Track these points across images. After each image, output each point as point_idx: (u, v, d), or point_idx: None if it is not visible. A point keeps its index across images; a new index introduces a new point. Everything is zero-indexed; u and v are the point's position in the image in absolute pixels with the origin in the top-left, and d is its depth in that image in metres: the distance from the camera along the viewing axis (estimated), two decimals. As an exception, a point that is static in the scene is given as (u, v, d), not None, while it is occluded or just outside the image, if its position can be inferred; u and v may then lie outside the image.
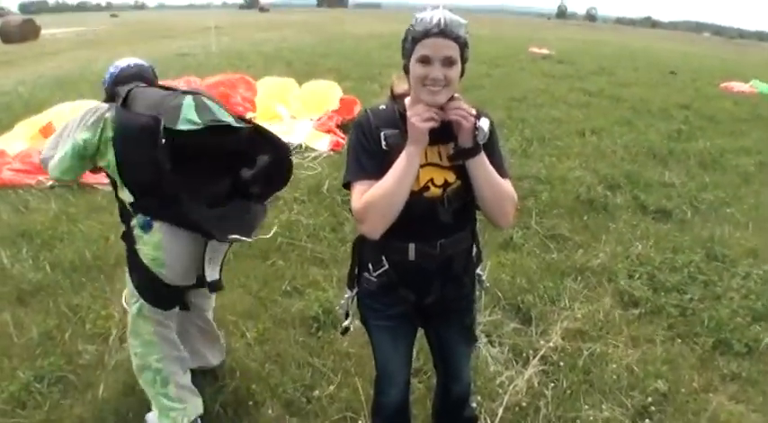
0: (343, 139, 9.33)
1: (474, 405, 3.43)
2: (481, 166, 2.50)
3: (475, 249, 2.86)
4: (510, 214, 2.61)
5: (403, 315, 2.83)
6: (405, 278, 2.72)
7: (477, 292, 2.98)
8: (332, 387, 4.09)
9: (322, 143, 9.48)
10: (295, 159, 7.88)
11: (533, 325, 4.96)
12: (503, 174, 2.58)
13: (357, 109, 10.62)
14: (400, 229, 2.53)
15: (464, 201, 2.61)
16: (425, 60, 2.40)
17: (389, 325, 2.89)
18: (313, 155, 9.00)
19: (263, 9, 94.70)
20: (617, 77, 20.26)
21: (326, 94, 11.72)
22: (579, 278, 5.79)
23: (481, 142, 2.48)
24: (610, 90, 17.20)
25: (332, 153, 8.94)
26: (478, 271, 2.96)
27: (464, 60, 2.46)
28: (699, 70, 26.99)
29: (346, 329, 3.05)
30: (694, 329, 5.02)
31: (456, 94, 2.50)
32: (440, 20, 2.37)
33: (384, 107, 2.65)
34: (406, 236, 2.60)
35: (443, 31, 2.37)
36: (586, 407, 4.04)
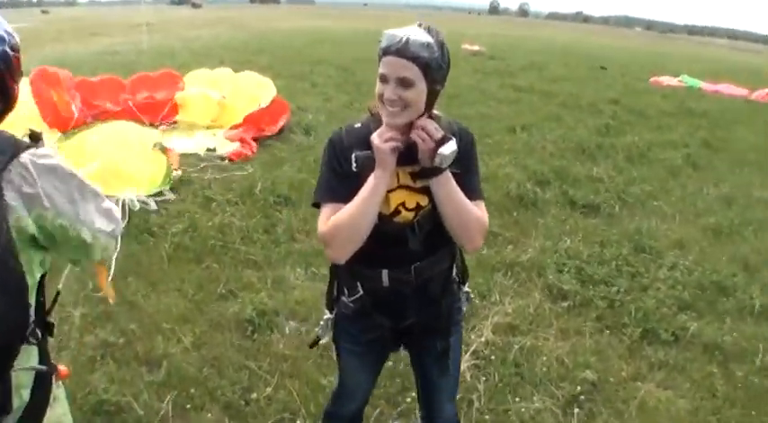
0: (252, 152, 9.16)
1: None
2: (443, 186, 2.41)
3: (455, 269, 2.78)
4: (476, 238, 2.53)
5: (376, 340, 2.77)
6: (379, 304, 2.66)
7: (464, 308, 2.93)
8: (269, 389, 4.14)
9: (228, 147, 9.36)
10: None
11: (464, 321, 5.11)
12: (474, 196, 2.51)
13: (283, 120, 10.53)
14: (372, 255, 2.50)
15: (436, 224, 2.52)
16: (383, 79, 2.34)
17: (360, 350, 2.85)
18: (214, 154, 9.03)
19: (195, 5, 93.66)
20: (547, 73, 20.72)
21: (261, 88, 11.51)
22: (509, 273, 5.97)
23: (440, 165, 2.36)
24: (540, 85, 17.61)
25: (228, 162, 8.78)
26: (466, 288, 2.89)
27: (432, 81, 2.33)
28: (629, 65, 27.80)
29: (316, 343, 2.98)
30: (622, 320, 5.24)
31: (435, 113, 2.46)
32: (402, 38, 2.28)
33: (359, 125, 2.57)
34: (378, 262, 2.56)
35: (400, 51, 2.28)
36: (518, 399, 4.20)
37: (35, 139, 2.00)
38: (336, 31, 35.94)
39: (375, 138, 2.36)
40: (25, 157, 1.87)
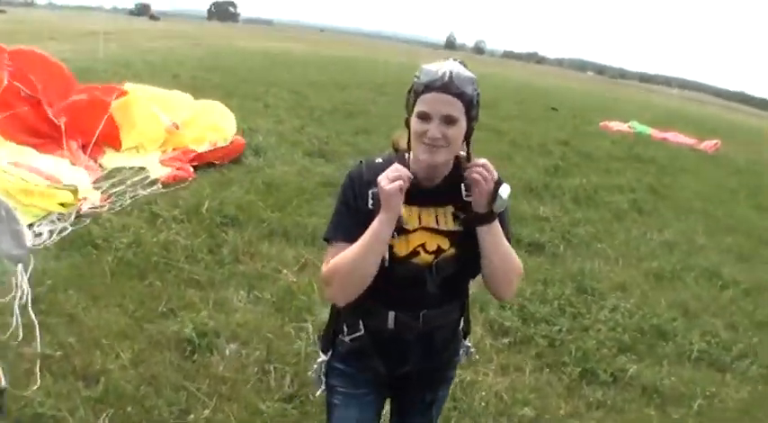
0: (189, 175, 8.75)
1: None
2: (494, 234, 2.38)
3: (462, 323, 2.71)
4: (514, 286, 2.53)
5: (370, 383, 2.69)
6: (380, 347, 2.58)
7: (462, 361, 2.91)
8: (207, 411, 4.13)
9: (161, 170, 8.82)
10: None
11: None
12: (509, 242, 2.47)
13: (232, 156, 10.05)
14: (382, 294, 2.44)
15: (455, 271, 2.48)
16: (424, 117, 2.27)
17: (353, 393, 2.71)
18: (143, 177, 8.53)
19: (153, 17, 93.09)
20: (499, 111, 21.01)
21: (220, 125, 10.81)
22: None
23: (497, 211, 2.34)
24: (491, 123, 17.85)
25: (160, 185, 8.28)
26: (466, 343, 2.83)
27: (471, 119, 2.31)
28: (580, 108, 28.44)
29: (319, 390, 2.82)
30: (562, 359, 5.35)
31: (483, 160, 2.36)
32: (445, 73, 2.24)
33: (380, 160, 2.49)
34: (387, 302, 2.49)
35: (446, 86, 2.23)
36: (454, 433, 4.25)
37: None
38: (292, 54, 36.08)
39: (382, 179, 2.27)
40: None
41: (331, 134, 13.26)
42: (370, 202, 2.39)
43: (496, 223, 2.36)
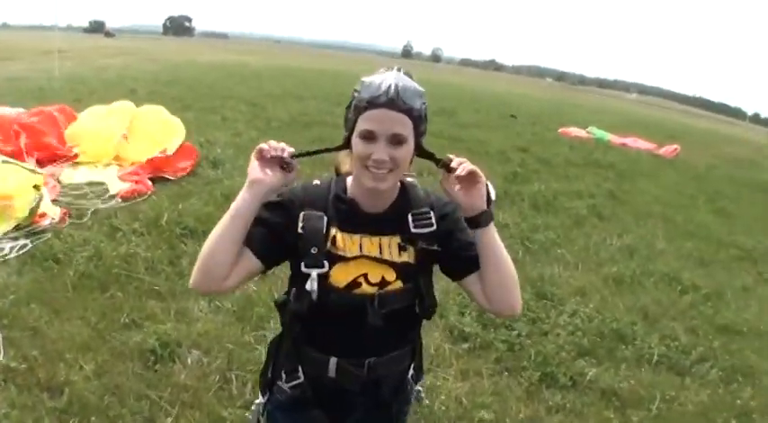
0: (148, 188, 8.79)
1: None
2: (494, 237, 2.21)
3: (412, 371, 2.51)
4: (519, 299, 2.27)
5: None
6: (321, 397, 2.37)
7: (412, 408, 2.75)
8: (170, 419, 4.21)
9: (119, 185, 8.89)
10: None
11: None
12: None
13: (187, 165, 10.09)
14: (320, 336, 2.30)
15: (403, 308, 2.25)
16: (369, 136, 2.09)
17: None
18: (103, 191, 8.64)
19: (108, 34, 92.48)
20: (457, 119, 21.24)
21: (167, 129, 10.86)
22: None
23: (492, 206, 2.20)
24: (449, 131, 18.05)
25: (119, 200, 8.35)
26: (418, 387, 2.61)
27: (419, 135, 2.15)
28: (539, 115, 28.81)
29: None
30: (521, 363, 5.45)
31: (409, 180, 2.32)
32: (390, 86, 2.05)
33: (318, 183, 2.33)
34: (327, 346, 2.31)
35: (393, 102, 2.05)
36: (415, 437, 4.33)
37: None
38: (249, 67, 36.09)
39: (261, 146, 2.16)
40: None
41: (289, 144, 13.29)
42: (300, 224, 2.21)
43: (494, 229, 2.21)
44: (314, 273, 2.17)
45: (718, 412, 5.27)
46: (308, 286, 2.17)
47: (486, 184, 2.18)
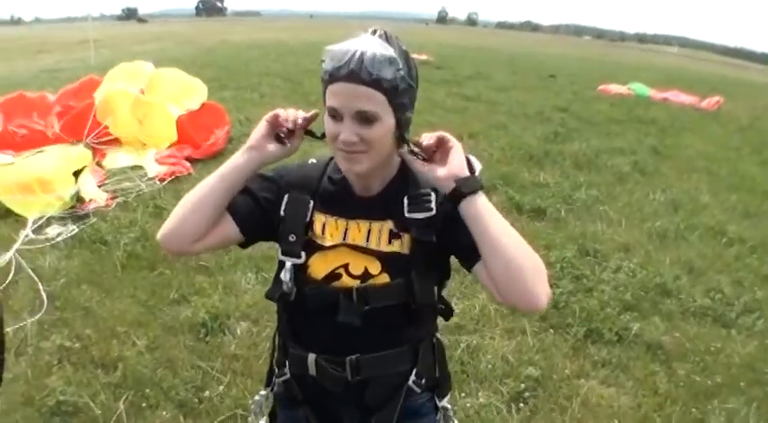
0: (186, 169, 8.94)
1: None
2: (483, 211, 1.79)
3: (415, 376, 2.08)
4: (533, 287, 1.75)
5: None
6: (307, 396, 2.15)
7: None
8: (222, 387, 4.33)
9: (157, 168, 8.96)
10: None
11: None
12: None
13: (220, 136, 10.18)
14: (300, 330, 2.09)
15: (390, 303, 1.95)
16: (334, 114, 1.82)
17: None
18: (143, 174, 8.74)
19: (141, 20, 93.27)
20: (494, 82, 21.10)
21: (187, 90, 10.96)
22: (456, 276, 6.17)
23: (477, 174, 1.87)
24: (487, 95, 17.97)
25: (158, 182, 8.47)
26: (444, 403, 2.21)
27: (399, 109, 1.81)
28: (578, 73, 28.45)
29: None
30: (566, 320, 5.47)
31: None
32: (353, 55, 1.73)
33: (315, 161, 2.12)
34: (306, 340, 2.08)
35: (355, 74, 1.73)
36: (463, 395, 4.40)
37: None
38: (283, 43, 36.10)
39: (278, 112, 1.99)
40: None
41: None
42: (283, 207, 2.03)
43: (485, 198, 1.81)
44: (288, 263, 2.00)
45: (765, 363, 5.23)
46: (282, 276, 2.00)
47: (468, 157, 1.88)
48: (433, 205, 1.91)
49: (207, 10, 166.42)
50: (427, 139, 1.87)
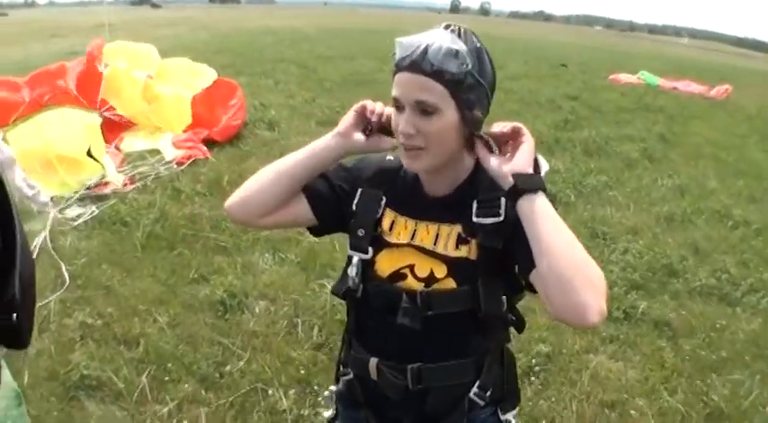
0: (203, 154, 8.97)
1: None
2: (541, 211, 1.67)
3: (476, 389, 1.98)
4: (593, 304, 1.57)
5: None
6: (369, 399, 2.09)
7: None
8: (242, 362, 4.44)
9: (174, 152, 8.97)
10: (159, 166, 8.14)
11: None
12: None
13: (237, 112, 10.17)
14: (364, 331, 2.05)
15: (454, 312, 1.87)
16: (397, 105, 1.78)
17: None
18: (158, 159, 8.66)
19: (154, 5, 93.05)
20: (507, 71, 21.11)
21: (195, 74, 11.08)
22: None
23: (542, 175, 1.77)
24: (500, 83, 17.79)
25: (175, 166, 8.50)
26: (508, 417, 2.09)
27: (464, 105, 1.73)
28: (588, 63, 28.44)
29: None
30: (576, 301, 5.58)
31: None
32: (418, 47, 1.69)
33: (392, 158, 2.05)
34: (369, 342, 2.02)
35: (416, 64, 1.70)
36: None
37: None
38: (297, 30, 36.15)
39: (367, 103, 1.97)
40: None
41: (342, 103, 13.49)
42: (356, 200, 2.00)
43: (544, 199, 1.69)
44: (356, 257, 1.96)
45: (769, 339, 5.36)
46: (349, 271, 1.97)
47: (537, 157, 1.78)
48: (501, 211, 1.80)
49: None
50: (500, 127, 1.79)
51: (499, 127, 1.80)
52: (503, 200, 1.79)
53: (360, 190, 2.00)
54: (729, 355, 5.06)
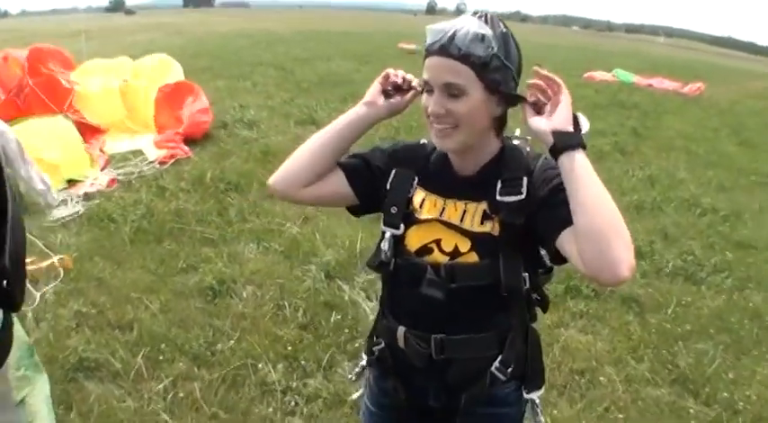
0: (186, 153, 9.23)
1: None
2: (581, 167, 1.77)
3: (500, 363, 2.07)
4: (624, 260, 1.68)
5: (395, 408, 2.29)
6: (397, 367, 2.21)
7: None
8: (232, 341, 4.71)
9: (156, 152, 9.27)
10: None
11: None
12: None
13: (188, 102, 10.36)
14: (394, 302, 2.19)
15: (477, 286, 1.98)
16: (427, 87, 1.92)
17: (377, 413, 2.39)
18: (141, 160, 8.99)
19: (128, 12, 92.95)
20: (481, 70, 21.46)
21: (163, 66, 11.74)
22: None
23: (583, 133, 1.85)
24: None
25: (158, 165, 8.79)
26: (532, 396, 2.17)
27: (492, 87, 1.87)
28: (564, 61, 28.77)
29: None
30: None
31: (515, 142, 2.07)
32: (447, 32, 1.83)
33: (425, 142, 2.19)
34: (398, 313, 2.16)
35: (444, 48, 1.83)
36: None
37: None
38: (273, 33, 36.31)
39: (389, 70, 2.12)
40: None
41: (320, 102, 13.82)
42: (390, 180, 2.13)
43: (583, 155, 1.79)
44: (388, 232, 2.09)
45: (732, 314, 5.71)
46: (382, 245, 2.10)
47: (576, 114, 1.87)
48: (523, 189, 1.91)
49: (194, 1, 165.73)
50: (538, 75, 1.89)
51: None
52: (525, 179, 1.92)
53: (394, 170, 2.12)
54: (694, 328, 5.40)
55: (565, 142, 1.78)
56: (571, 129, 1.82)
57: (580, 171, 1.76)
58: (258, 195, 7.58)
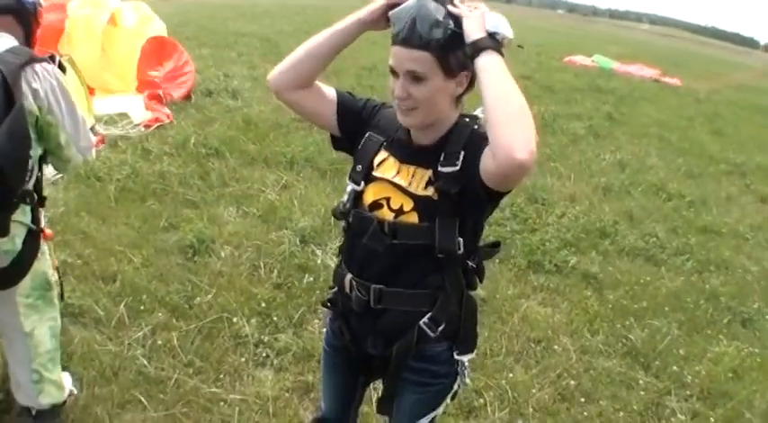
0: (168, 117, 9.28)
1: None
2: (494, 66, 1.95)
3: (431, 321, 2.29)
4: (524, 143, 1.82)
5: (343, 349, 2.58)
6: (343, 311, 2.49)
7: (455, 385, 2.50)
8: (209, 296, 4.95)
9: (143, 115, 9.23)
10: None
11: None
12: None
13: (175, 64, 10.47)
14: (346, 251, 2.46)
15: (415, 245, 2.22)
16: (392, 71, 2.13)
17: (329, 352, 2.70)
18: (126, 123, 8.96)
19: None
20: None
21: (146, 22, 11.25)
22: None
23: (500, 38, 2.01)
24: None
25: (143, 129, 8.79)
26: (461, 358, 2.40)
27: (451, 68, 2.07)
28: (545, 45, 29.03)
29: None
30: (510, 253, 6.24)
31: (476, 113, 2.24)
32: (407, 22, 2.01)
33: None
34: (348, 261, 2.42)
35: (407, 40, 2.02)
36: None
37: (52, 59, 2.89)
38: (258, 6, 36.22)
39: None
40: (38, 66, 2.75)
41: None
42: (362, 141, 2.36)
43: (497, 59, 1.96)
44: (350, 187, 2.34)
45: (689, 294, 6.08)
46: (343, 197, 2.37)
47: (498, 22, 2.02)
48: (458, 162, 2.12)
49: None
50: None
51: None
52: (462, 153, 2.12)
53: (368, 133, 2.34)
54: (650, 306, 5.76)
55: (472, 48, 1.97)
56: (481, 35, 1.96)
57: (487, 68, 1.94)
58: (239, 161, 7.81)
